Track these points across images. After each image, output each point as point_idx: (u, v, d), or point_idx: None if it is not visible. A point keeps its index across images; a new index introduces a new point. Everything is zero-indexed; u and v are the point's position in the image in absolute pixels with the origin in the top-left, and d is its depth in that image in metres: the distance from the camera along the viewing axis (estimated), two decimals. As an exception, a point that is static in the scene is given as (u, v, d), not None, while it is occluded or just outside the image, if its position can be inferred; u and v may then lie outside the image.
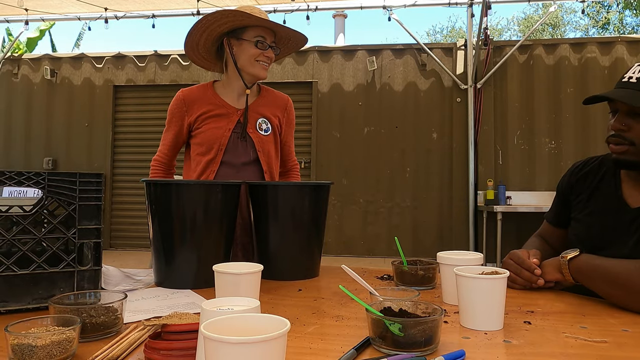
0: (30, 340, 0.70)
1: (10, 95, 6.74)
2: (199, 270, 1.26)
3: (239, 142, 1.68)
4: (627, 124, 1.14)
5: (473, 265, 1.05)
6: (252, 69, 1.65)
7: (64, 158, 6.59)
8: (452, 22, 24.49)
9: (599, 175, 1.29)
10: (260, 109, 1.73)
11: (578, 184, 1.34)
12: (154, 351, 0.73)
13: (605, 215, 1.23)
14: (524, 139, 5.66)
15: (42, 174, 1.00)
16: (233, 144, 1.67)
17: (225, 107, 1.69)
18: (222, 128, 1.66)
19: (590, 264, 1.12)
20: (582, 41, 5.76)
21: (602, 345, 0.82)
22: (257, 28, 1.63)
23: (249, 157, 1.69)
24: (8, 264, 0.95)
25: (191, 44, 1.68)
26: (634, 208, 1.18)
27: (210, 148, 1.65)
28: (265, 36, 1.64)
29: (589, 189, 1.30)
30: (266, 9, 5.79)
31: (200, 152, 1.67)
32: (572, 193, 1.36)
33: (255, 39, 1.62)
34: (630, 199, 1.20)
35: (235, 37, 1.64)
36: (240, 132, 1.67)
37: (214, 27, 1.62)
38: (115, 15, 6.06)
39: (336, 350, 0.78)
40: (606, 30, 17.28)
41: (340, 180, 5.88)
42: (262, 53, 1.64)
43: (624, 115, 1.15)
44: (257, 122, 1.70)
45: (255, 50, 1.63)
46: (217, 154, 1.65)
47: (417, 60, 5.94)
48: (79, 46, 11.68)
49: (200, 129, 1.67)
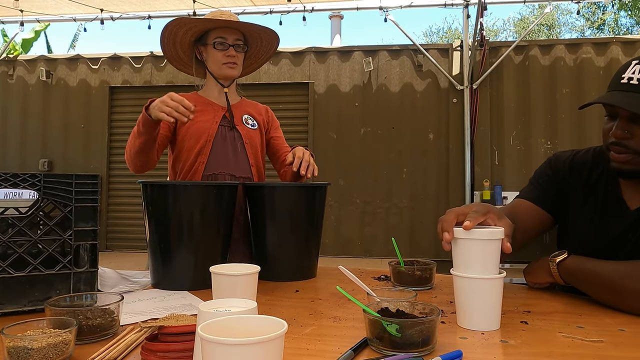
0: (27, 342, 0.69)
1: (5, 97, 6.71)
2: (195, 271, 1.25)
3: (227, 134, 1.70)
4: (629, 131, 1.06)
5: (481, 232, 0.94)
6: (220, 72, 1.70)
7: (59, 159, 6.57)
8: (448, 23, 24.59)
9: (595, 174, 1.24)
10: (245, 109, 1.78)
11: (572, 174, 1.27)
12: (151, 353, 0.73)
13: (605, 217, 1.19)
14: (520, 139, 5.67)
15: (37, 175, 1.00)
16: (221, 136, 1.69)
17: (210, 104, 1.72)
18: (209, 121, 1.68)
19: (580, 267, 1.10)
20: (577, 42, 5.79)
21: (598, 345, 0.83)
22: (218, 30, 1.67)
23: (236, 148, 1.70)
24: (4, 266, 0.94)
25: (171, 57, 1.76)
26: (634, 210, 1.15)
27: (199, 138, 1.65)
28: (225, 36, 1.66)
29: (586, 188, 1.24)
30: (262, 10, 5.80)
31: (189, 145, 1.67)
32: (568, 181, 1.27)
33: (214, 40, 1.66)
34: (630, 200, 1.17)
35: (202, 43, 1.70)
36: (229, 125, 1.70)
37: (180, 37, 1.68)
38: (111, 16, 6.04)
39: (333, 351, 0.78)
40: (601, 31, 17.36)
41: (337, 181, 5.88)
42: (223, 54, 1.67)
43: (625, 121, 1.06)
44: (243, 118, 1.74)
45: (217, 54, 1.67)
46: (206, 144, 1.66)
47: (414, 61, 5.95)
48: (74, 47, 11.65)
49: (186, 124, 1.65)
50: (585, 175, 1.25)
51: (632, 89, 1.04)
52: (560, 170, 1.30)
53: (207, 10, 5.76)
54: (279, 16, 5.80)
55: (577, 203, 1.25)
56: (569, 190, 1.27)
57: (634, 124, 1.05)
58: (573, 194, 1.27)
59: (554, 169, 1.31)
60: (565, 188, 1.28)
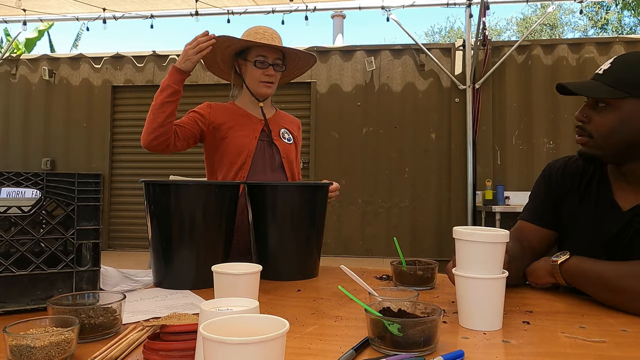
0: (29, 341, 0.70)
1: (8, 96, 6.72)
2: (197, 270, 1.25)
3: (265, 149, 1.75)
4: (588, 116, 1.13)
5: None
6: (256, 89, 1.75)
7: (62, 159, 6.58)
8: (451, 22, 24.53)
9: (587, 177, 1.25)
10: (281, 122, 1.84)
11: (565, 183, 1.29)
12: (152, 352, 0.73)
13: (600, 220, 1.20)
14: (523, 139, 5.67)
15: (40, 174, 1.00)
16: (260, 151, 1.73)
17: (249, 116, 1.77)
18: (248, 136, 1.72)
19: (581, 268, 1.10)
20: (580, 41, 5.77)
21: (600, 345, 0.82)
22: (259, 47, 1.71)
23: (274, 163, 1.75)
24: (6, 264, 0.94)
25: (209, 64, 1.82)
26: (626, 210, 1.16)
27: (240, 153, 1.70)
28: (266, 55, 1.72)
29: (579, 192, 1.26)
30: (264, 10, 5.80)
31: (229, 159, 1.70)
32: (562, 191, 1.29)
33: (255, 58, 1.71)
34: (622, 201, 1.18)
35: (242, 57, 1.76)
36: (268, 140, 1.76)
37: (223, 49, 1.72)
38: (114, 16, 6.05)
39: (335, 351, 0.78)
40: (604, 31, 17.31)
41: (339, 181, 5.84)
42: (262, 72, 1.72)
43: (587, 107, 1.14)
44: (280, 132, 1.80)
45: (256, 71, 1.72)
46: (247, 159, 1.70)
47: (416, 61, 5.94)
48: (77, 46, 11.67)
49: (227, 138, 1.71)
50: (578, 180, 1.27)
51: (597, 78, 1.13)
52: (553, 180, 1.32)
53: (209, 9, 5.76)
54: (281, 15, 5.81)
55: (573, 208, 1.27)
56: (565, 198, 1.29)
57: (593, 110, 1.13)
58: (569, 200, 1.28)
59: (547, 181, 1.34)
60: (561, 197, 1.30)
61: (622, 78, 1.08)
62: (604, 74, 1.11)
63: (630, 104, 1.07)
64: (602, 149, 1.12)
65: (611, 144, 1.11)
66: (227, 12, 5.85)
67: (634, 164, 1.13)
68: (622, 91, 1.07)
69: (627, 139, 1.09)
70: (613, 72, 1.10)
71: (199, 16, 5.78)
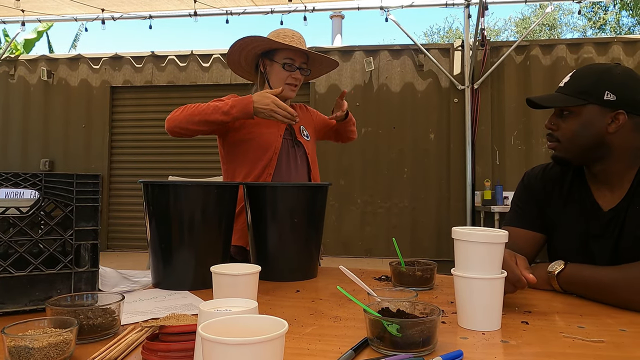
0: (27, 342, 0.70)
1: (6, 97, 6.71)
2: (196, 271, 1.25)
3: (289, 148, 1.78)
4: (555, 124, 1.25)
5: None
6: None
7: (61, 159, 6.57)
8: (449, 22, 24.51)
9: (567, 182, 1.31)
10: (299, 121, 1.84)
11: (546, 188, 1.35)
12: (151, 353, 0.73)
13: (583, 222, 1.25)
14: (521, 139, 5.67)
15: (39, 175, 1.00)
16: (285, 149, 1.76)
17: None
18: (274, 134, 1.74)
19: (577, 276, 1.14)
20: (578, 42, 5.78)
21: (599, 345, 0.83)
22: (287, 50, 1.73)
23: (297, 161, 1.78)
24: (5, 265, 0.94)
25: (232, 62, 1.82)
26: (607, 211, 1.21)
27: (266, 151, 1.71)
28: (294, 58, 1.74)
29: (562, 196, 1.31)
30: (263, 10, 5.80)
31: (255, 156, 1.71)
32: (543, 196, 1.34)
33: (284, 61, 1.73)
34: (602, 202, 1.23)
35: (268, 57, 1.76)
36: (291, 139, 1.79)
37: (250, 49, 1.74)
38: (112, 17, 6.04)
39: (334, 351, 0.78)
40: (603, 31, 17.33)
41: (338, 181, 5.88)
42: (289, 75, 1.74)
43: (554, 115, 1.26)
44: (300, 129, 1.83)
45: (283, 73, 1.74)
46: (273, 157, 1.71)
47: (415, 61, 5.95)
48: (75, 47, 11.66)
49: (252, 134, 1.71)
50: (559, 185, 1.33)
51: (559, 90, 1.25)
52: (534, 187, 1.38)
53: (207, 10, 5.76)
54: (280, 16, 5.81)
55: (558, 212, 1.31)
56: (548, 204, 1.34)
57: (560, 118, 1.24)
58: (552, 206, 1.33)
59: (527, 188, 1.41)
60: (544, 202, 1.35)
61: (579, 87, 1.20)
62: (564, 86, 1.24)
63: (589, 110, 1.18)
64: (570, 151, 1.23)
65: (577, 146, 1.21)
66: (226, 13, 5.85)
67: (601, 164, 1.21)
68: (579, 99, 1.19)
69: (589, 142, 1.19)
70: (571, 84, 1.23)
71: (198, 17, 5.78)
